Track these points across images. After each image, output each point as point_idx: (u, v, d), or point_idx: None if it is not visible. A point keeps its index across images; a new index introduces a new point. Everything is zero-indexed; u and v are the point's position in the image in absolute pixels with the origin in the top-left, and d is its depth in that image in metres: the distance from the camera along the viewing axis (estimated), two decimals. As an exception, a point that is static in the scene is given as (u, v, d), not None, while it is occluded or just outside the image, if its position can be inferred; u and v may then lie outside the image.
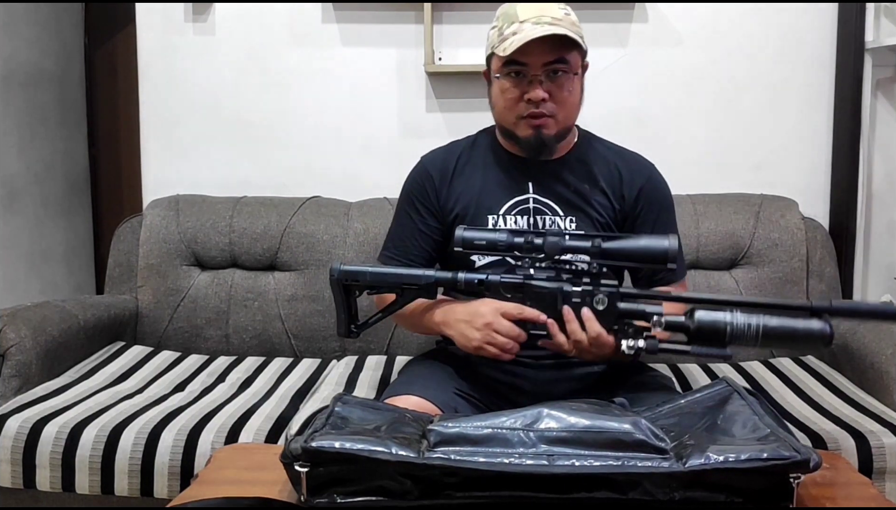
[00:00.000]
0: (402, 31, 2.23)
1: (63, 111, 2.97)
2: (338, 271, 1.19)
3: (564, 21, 1.30)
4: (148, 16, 2.29)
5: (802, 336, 0.98)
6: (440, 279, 1.18)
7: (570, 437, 0.81)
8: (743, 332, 0.97)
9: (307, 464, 0.80)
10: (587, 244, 1.09)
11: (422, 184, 1.44)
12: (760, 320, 0.97)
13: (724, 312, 0.99)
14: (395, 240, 1.45)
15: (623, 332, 1.07)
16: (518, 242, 1.12)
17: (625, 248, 1.08)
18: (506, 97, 1.34)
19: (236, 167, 2.30)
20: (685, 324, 1.01)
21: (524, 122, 1.33)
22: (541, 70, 1.29)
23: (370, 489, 0.80)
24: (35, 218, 2.78)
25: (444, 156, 1.47)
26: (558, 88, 1.31)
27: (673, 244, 1.06)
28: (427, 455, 0.79)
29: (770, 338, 0.97)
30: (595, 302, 1.08)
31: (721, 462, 0.77)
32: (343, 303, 1.21)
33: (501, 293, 1.15)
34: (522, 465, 0.78)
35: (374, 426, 0.88)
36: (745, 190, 2.14)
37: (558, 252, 1.09)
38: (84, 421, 1.53)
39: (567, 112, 1.35)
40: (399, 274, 1.21)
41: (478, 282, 1.16)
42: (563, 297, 1.10)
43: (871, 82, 2.15)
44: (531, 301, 1.13)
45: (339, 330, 1.23)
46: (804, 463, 0.77)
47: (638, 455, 0.79)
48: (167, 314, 2.08)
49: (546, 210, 1.37)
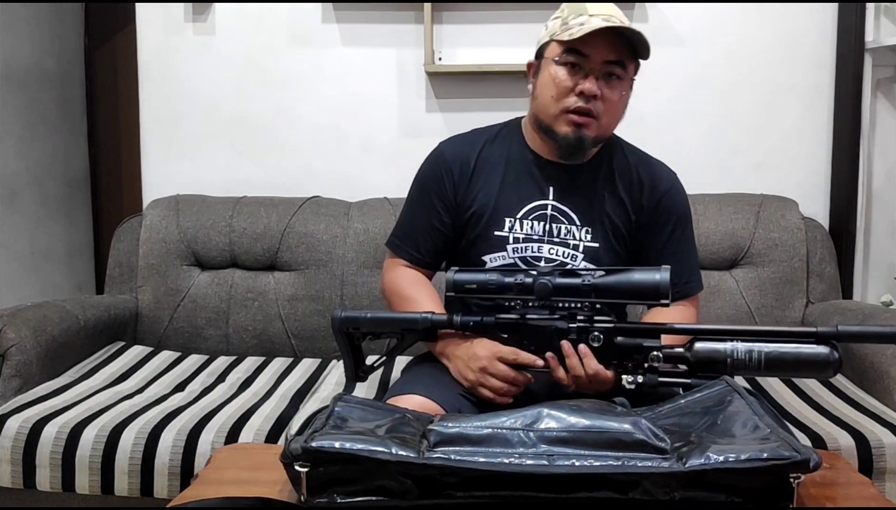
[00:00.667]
0: (402, 31, 2.23)
1: (63, 111, 2.97)
2: (339, 319, 1.20)
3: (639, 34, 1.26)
4: (148, 16, 2.29)
5: (808, 363, 0.97)
6: (436, 322, 1.19)
7: (570, 437, 0.81)
8: (744, 363, 0.97)
9: (307, 464, 0.80)
10: (577, 282, 1.08)
11: (440, 177, 1.38)
12: (763, 348, 0.96)
13: (723, 343, 0.98)
14: (406, 229, 1.43)
15: (623, 367, 1.07)
16: (509, 283, 1.11)
17: (616, 285, 1.07)
18: (557, 85, 1.27)
19: (236, 167, 2.30)
20: (684, 355, 1.01)
21: (567, 117, 1.27)
22: (599, 66, 1.25)
23: (370, 489, 0.80)
24: (35, 218, 2.77)
25: (465, 148, 1.40)
26: (611, 90, 1.27)
27: (665, 277, 1.04)
28: (427, 455, 0.79)
29: (773, 367, 0.96)
30: (591, 339, 1.08)
31: (721, 462, 0.77)
32: (347, 349, 1.22)
33: (498, 334, 1.16)
34: (522, 465, 0.78)
35: (374, 426, 0.88)
36: (745, 190, 2.14)
37: (548, 294, 1.09)
38: (84, 421, 1.53)
39: (611, 118, 1.31)
40: (397, 319, 1.23)
41: (473, 324, 1.17)
42: (560, 335, 1.10)
43: (871, 82, 2.15)
44: (528, 339, 1.13)
45: (347, 375, 1.25)
46: (804, 463, 0.77)
47: (638, 455, 0.79)
48: (167, 314, 2.08)
49: (563, 219, 1.34)
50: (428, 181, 1.40)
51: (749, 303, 1.99)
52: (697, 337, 1.02)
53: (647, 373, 1.04)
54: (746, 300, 1.99)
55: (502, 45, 2.17)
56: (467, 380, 1.20)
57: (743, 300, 1.99)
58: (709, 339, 1.00)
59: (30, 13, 2.74)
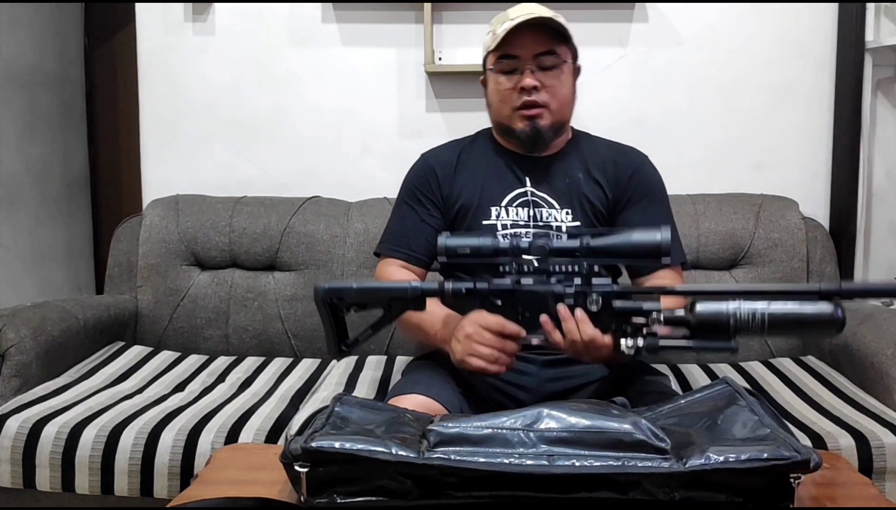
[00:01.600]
0: (402, 31, 2.23)
1: (63, 111, 2.97)
2: (322, 290, 1.13)
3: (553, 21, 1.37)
4: (148, 16, 2.29)
5: (812, 322, 0.92)
6: (427, 290, 1.13)
7: (570, 437, 0.81)
8: (748, 322, 0.93)
9: (307, 464, 0.80)
10: (575, 244, 1.05)
11: (424, 177, 1.47)
12: (766, 308, 0.93)
13: (726, 303, 0.94)
14: (395, 232, 1.46)
15: (621, 332, 1.03)
16: (504, 247, 1.08)
17: (615, 245, 1.04)
18: (500, 90, 1.39)
19: (236, 167, 2.30)
20: (685, 318, 0.97)
21: (519, 113, 1.38)
22: (531, 61, 1.36)
23: (370, 489, 0.80)
24: (35, 218, 2.77)
25: (445, 152, 1.51)
26: (550, 78, 1.37)
27: (665, 236, 1.01)
28: (427, 455, 0.79)
29: (777, 327, 0.92)
30: (589, 303, 1.05)
31: (721, 462, 0.77)
32: (331, 322, 1.16)
33: (491, 301, 1.11)
34: (522, 466, 0.78)
35: (374, 426, 0.88)
36: (745, 190, 2.14)
37: (546, 255, 1.06)
38: (84, 421, 1.53)
39: (560, 103, 1.39)
40: (385, 288, 1.17)
41: (465, 291, 1.11)
42: (556, 300, 1.07)
43: (871, 82, 2.15)
44: (523, 305, 1.09)
45: (329, 350, 1.19)
46: (804, 463, 0.77)
47: (638, 455, 0.79)
48: (167, 314, 2.08)
49: (543, 203, 1.40)
50: (414, 183, 1.47)
51: (749, 303, 1.99)
52: (698, 299, 0.98)
53: (647, 336, 1.00)
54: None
55: (502, 45, 2.17)
56: (455, 353, 1.17)
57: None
58: (710, 300, 0.96)
59: (30, 13, 2.74)
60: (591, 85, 2.22)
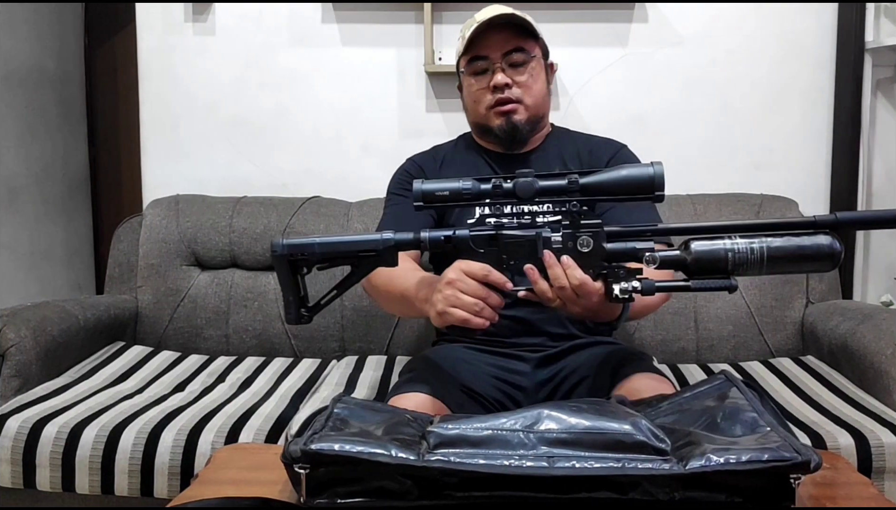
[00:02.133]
0: (402, 31, 2.23)
1: (63, 111, 2.97)
2: (281, 246, 1.03)
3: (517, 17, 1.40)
4: (148, 16, 2.29)
5: (810, 254, 0.90)
6: (401, 241, 1.03)
7: (570, 439, 0.81)
8: (746, 258, 0.90)
9: (306, 465, 0.80)
10: (563, 183, 0.98)
11: (412, 173, 1.52)
12: (763, 243, 0.90)
13: (722, 239, 0.91)
14: (392, 221, 1.45)
15: (614, 276, 0.97)
16: (485, 189, 0.99)
17: (606, 181, 0.97)
18: (473, 91, 1.44)
19: (236, 167, 2.30)
20: (681, 257, 0.93)
21: (494, 111, 1.42)
22: (501, 60, 1.40)
23: (370, 490, 0.80)
24: (35, 218, 2.78)
25: (429, 156, 1.57)
26: (520, 74, 1.41)
27: (659, 170, 0.95)
28: (427, 457, 0.79)
29: (776, 261, 0.90)
30: (579, 244, 0.98)
31: (722, 464, 0.77)
32: (290, 284, 1.05)
33: (474, 249, 1.02)
34: (522, 467, 0.77)
35: (374, 427, 0.88)
36: (745, 190, 2.14)
37: (532, 195, 0.98)
38: (84, 421, 1.53)
39: (534, 98, 1.43)
40: (353, 241, 1.05)
41: (444, 238, 1.02)
42: (543, 244, 0.99)
43: (871, 82, 2.15)
44: (507, 254, 1.01)
45: (288, 315, 1.06)
46: (805, 464, 0.77)
47: (638, 456, 0.79)
48: (167, 314, 2.08)
49: None
50: (400, 181, 1.51)
51: (749, 303, 1.99)
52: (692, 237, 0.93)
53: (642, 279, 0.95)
54: (746, 300, 1.99)
55: (502, 45, 2.17)
56: (436, 304, 1.07)
57: (742, 300, 1.99)
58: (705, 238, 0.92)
59: (30, 13, 2.75)
60: (591, 85, 2.22)
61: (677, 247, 0.95)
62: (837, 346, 1.80)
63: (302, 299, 1.06)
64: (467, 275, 1.03)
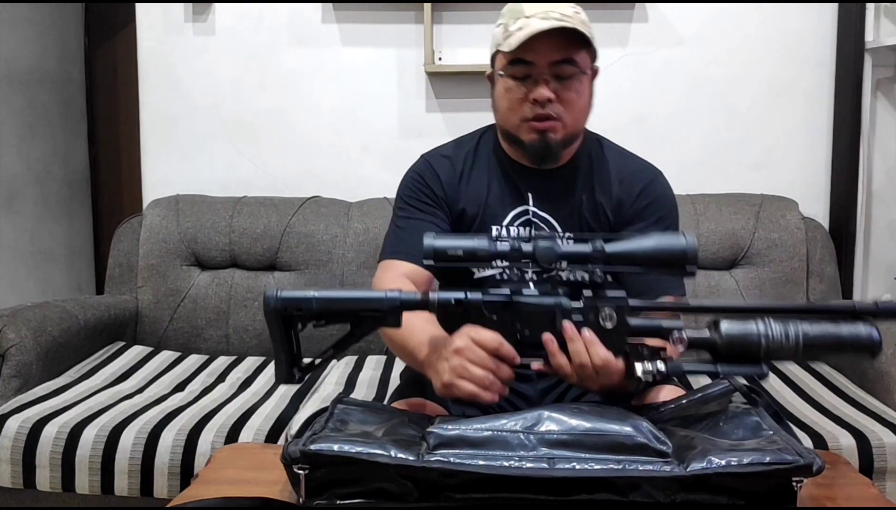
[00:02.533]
0: (402, 31, 2.23)
1: (63, 111, 2.96)
2: (274, 299, 0.93)
3: (574, 19, 1.20)
4: (148, 16, 2.29)
5: (849, 343, 0.83)
6: (407, 301, 0.94)
7: (570, 440, 0.80)
8: (780, 344, 0.83)
9: (306, 466, 0.80)
10: (587, 248, 0.90)
11: (426, 181, 1.33)
12: (799, 328, 0.83)
13: (755, 322, 0.84)
14: (400, 239, 1.30)
15: (636, 354, 0.89)
16: (503, 250, 0.91)
17: (634, 251, 0.89)
18: (509, 97, 1.24)
19: (236, 167, 2.30)
20: (711, 339, 0.86)
21: (528, 125, 1.23)
22: (547, 69, 1.20)
23: (369, 491, 0.80)
24: (35, 218, 2.77)
25: (449, 156, 1.36)
26: (566, 89, 1.21)
27: (692, 241, 0.87)
28: (426, 457, 0.79)
29: (812, 349, 0.83)
30: (602, 318, 0.90)
31: (723, 466, 0.76)
32: (282, 340, 0.96)
33: (486, 315, 0.93)
34: (522, 468, 0.77)
35: (374, 428, 0.88)
36: (745, 190, 2.14)
37: (553, 260, 0.90)
38: (84, 421, 1.53)
39: (575, 115, 1.25)
40: (354, 298, 0.97)
41: (455, 301, 0.93)
42: (563, 315, 0.91)
43: (871, 82, 2.15)
44: (522, 322, 0.93)
45: (278, 374, 0.97)
46: (807, 467, 0.76)
47: (639, 458, 0.79)
48: (167, 314, 2.08)
49: (544, 226, 1.28)
50: (416, 186, 1.33)
51: (749, 303, 1.99)
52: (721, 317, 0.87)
53: (667, 360, 0.87)
54: (746, 300, 1.99)
55: (502, 45, 2.17)
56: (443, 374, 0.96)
57: (743, 300, 1.99)
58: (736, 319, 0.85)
59: (30, 13, 2.74)
60: (591, 85, 2.22)
61: (706, 325, 0.88)
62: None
63: (295, 357, 0.98)
64: (477, 344, 0.93)
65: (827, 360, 0.86)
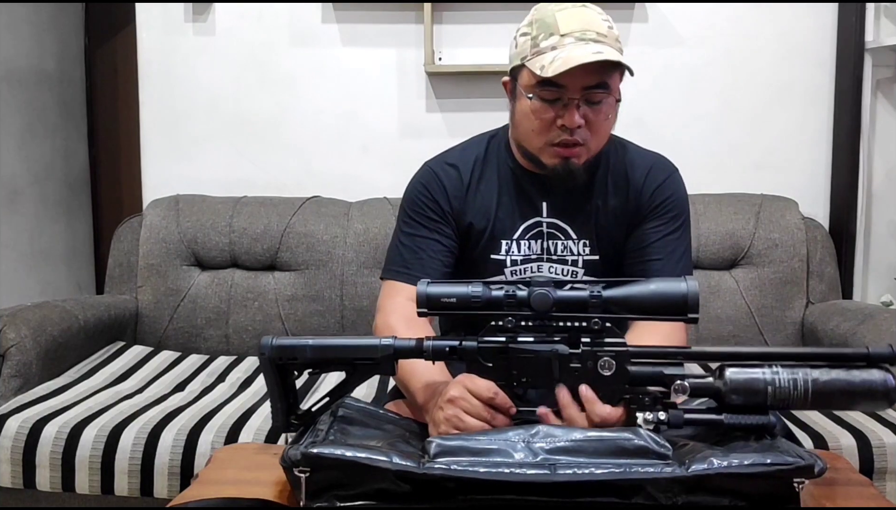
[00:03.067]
0: (402, 31, 2.23)
1: (63, 111, 2.96)
2: (269, 347, 0.93)
3: (609, 37, 1.15)
4: (148, 16, 2.30)
5: (861, 391, 0.81)
6: (401, 349, 0.93)
7: (571, 446, 0.80)
8: (788, 393, 0.81)
9: (306, 469, 0.80)
10: (584, 294, 0.88)
11: (431, 194, 1.27)
12: (808, 376, 0.81)
13: (761, 369, 0.82)
14: (406, 253, 1.25)
15: (637, 402, 0.87)
16: (497, 297, 0.89)
17: (632, 297, 0.87)
18: (537, 119, 1.16)
19: (236, 167, 2.30)
20: (715, 386, 0.84)
21: (553, 149, 1.17)
22: (579, 93, 1.13)
23: (369, 493, 0.80)
24: (35, 218, 2.77)
25: (456, 166, 1.29)
26: (596, 115, 1.16)
27: (693, 287, 0.85)
28: (427, 465, 0.79)
29: (822, 397, 0.81)
30: (599, 366, 0.88)
31: (725, 466, 0.76)
32: (278, 389, 0.95)
33: (481, 362, 0.92)
34: (525, 474, 0.77)
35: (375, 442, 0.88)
36: (745, 190, 2.14)
37: (548, 308, 0.88)
38: (84, 421, 1.53)
39: (600, 140, 1.20)
40: (349, 346, 0.95)
41: (449, 350, 0.92)
42: (560, 362, 0.89)
43: (871, 82, 2.15)
44: (518, 370, 0.91)
45: (275, 420, 0.97)
46: (808, 468, 0.76)
47: (640, 461, 0.79)
48: (167, 314, 2.08)
49: (559, 234, 1.25)
50: (421, 198, 1.27)
51: (749, 303, 1.99)
52: (726, 363, 0.85)
53: (668, 408, 0.85)
54: (746, 300, 1.99)
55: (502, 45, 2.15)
56: (438, 424, 0.95)
57: (743, 300, 1.99)
58: (741, 365, 0.83)
59: (30, 14, 2.74)
60: (591, 85, 2.22)
61: (711, 373, 0.86)
62: (838, 346, 1.80)
63: (291, 406, 0.97)
64: (472, 393, 0.92)
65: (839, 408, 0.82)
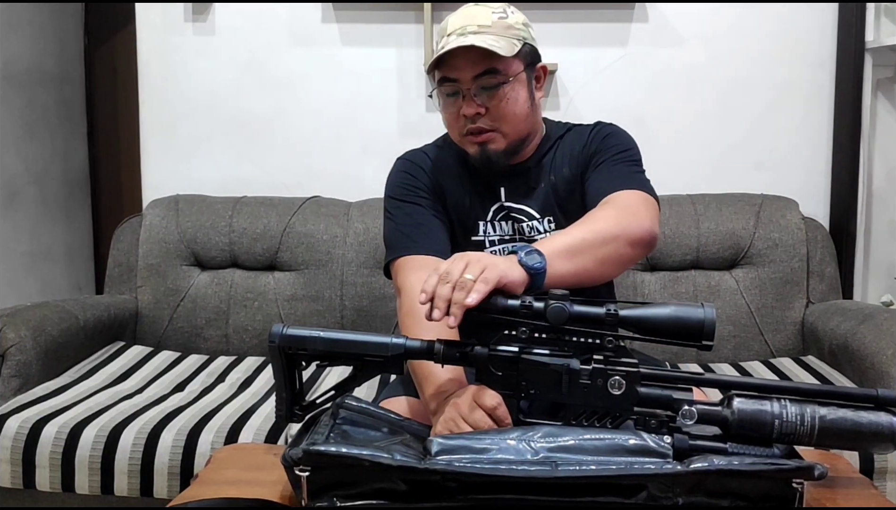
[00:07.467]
0: (402, 31, 2.23)
1: (63, 111, 2.97)
2: (279, 336, 0.92)
3: (494, 27, 1.20)
4: (148, 16, 2.29)
5: (867, 433, 0.81)
6: (412, 349, 0.93)
7: (573, 445, 0.81)
8: (794, 428, 0.81)
9: (307, 468, 0.80)
10: (600, 311, 0.88)
11: (414, 175, 1.33)
12: (815, 413, 0.82)
13: (770, 402, 0.83)
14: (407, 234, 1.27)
15: (643, 424, 0.86)
16: (513, 306, 0.89)
17: (647, 319, 0.88)
18: (446, 114, 1.27)
19: (236, 167, 2.30)
20: (723, 415, 0.84)
21: (467, 139, 1.25)
22: (472, 84, 1.20)
23: (370, 492, 0.80)
24: (35, 218, 2.78)
25: (426, 155, 1.37)
26: (494, 100, 1.21)
27: (710, 314, 0.85)
28: (430, 462, 0.79)
29: (828, 435, 0.82)
30: (610, 385, 0.87)
31: (725, 465, 0.77)
32: (285, 378, 0.95)
33: (491, 370, 0.91)
34: (527, 471, 0.77)
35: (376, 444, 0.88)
36: (745, 190, 2.14)
37: (563, 321, 0.88)
38: (84, 421, 1.53)
39: (513, 123, 1.24)
40: (360, 341, 0.94)
41: (459, 356, 0.92)
42: (570, 377, 0.88)
43: (871, 82, 2.15)
44: (527, 381, 0.90)
45: (280, 410, 0.97)
46: (808, 468, 0.76)
47: (640, 459, 0.79)
48: (167, 314, 2.08)
49: (522, 216, 1.30)
50: (406, 180, 1.33)
51: (749, 303, 1.99)
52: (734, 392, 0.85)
53: (674, 432, 0.84)
54: (746, 300, 1.99)
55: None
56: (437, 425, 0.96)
57: (743, 300, 1.99)
58: (750, 396, 0.84)
59: (30, 14, 2.74)
60: (591, 85, 2.22)
61: (719, 401, 0.87)
62: (838, 346, 1.80)
63: (297, 396, 0.97)
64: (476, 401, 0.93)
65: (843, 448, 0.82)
